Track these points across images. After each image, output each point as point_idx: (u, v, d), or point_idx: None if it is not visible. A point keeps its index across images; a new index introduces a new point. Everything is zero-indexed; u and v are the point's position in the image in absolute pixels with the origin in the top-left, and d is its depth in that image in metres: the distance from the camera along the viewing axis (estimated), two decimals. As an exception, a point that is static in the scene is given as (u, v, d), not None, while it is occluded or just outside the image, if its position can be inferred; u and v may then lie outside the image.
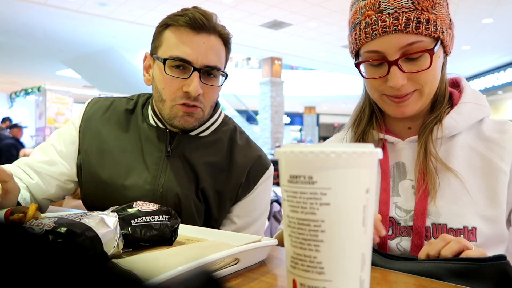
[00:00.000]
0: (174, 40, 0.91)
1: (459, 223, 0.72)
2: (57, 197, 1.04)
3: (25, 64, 11.61)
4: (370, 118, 0.88)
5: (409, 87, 0.75)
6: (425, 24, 0.71)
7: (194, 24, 0.89)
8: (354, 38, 0.78)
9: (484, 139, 0.78)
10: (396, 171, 0.82)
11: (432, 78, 0.76)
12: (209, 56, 0.91)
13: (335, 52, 10.53)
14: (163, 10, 7.37)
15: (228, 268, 0.59)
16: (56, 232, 0.52)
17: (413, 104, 0.78)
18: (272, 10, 7.62)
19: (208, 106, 0.97)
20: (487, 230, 0.71)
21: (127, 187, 0.95)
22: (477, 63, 11.53)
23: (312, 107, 19.66)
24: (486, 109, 0.81)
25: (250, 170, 1.01)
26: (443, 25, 0.74)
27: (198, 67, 0.90)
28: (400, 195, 0.80)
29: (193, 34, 0.90)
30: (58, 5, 7.11)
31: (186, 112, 0.93)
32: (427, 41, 0.73)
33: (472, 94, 0.82)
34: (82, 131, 1.02)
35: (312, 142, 15.91)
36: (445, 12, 0.75)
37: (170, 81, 0.92)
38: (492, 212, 0.72)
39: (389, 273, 0.59)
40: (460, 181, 0.75)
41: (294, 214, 0.37)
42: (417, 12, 0.71)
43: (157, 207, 0.70)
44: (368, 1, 0.75)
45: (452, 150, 0.78)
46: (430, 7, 0.72)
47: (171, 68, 0.91)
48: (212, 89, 0.95)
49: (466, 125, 0.79)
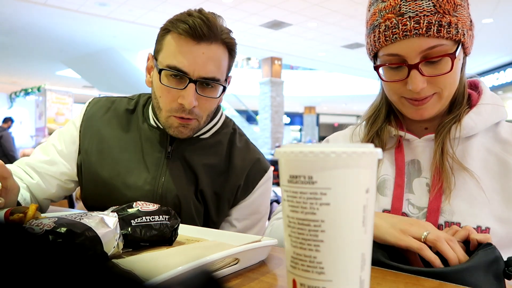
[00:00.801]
0: (173, 49, 0.88)
1: (473, 223, 0.72)
2: (57, 197, 1.04)
3: (25, 64, 11.61)
4: (386, 116, 0.88)
5: (428, 90, 0.75)
6: (447, 27, 0.70)
7: (194, 33, 0.86)
8: (373, 40, 0.77)
9: (501, 141, 0.78)
10: (411, 168, 0.82)
11: (452, 81, 0.76)
12: (208, 68, 0.88)
13: (335, 52, 10.53)
14: (163, 10, 7.38)
15: (228, 268, 0.59)
16: (56, 232, 0.52)
17: (432, 107, 0.77)
18: (272, 10, 7.62)
19: (205, 116, 0.95)
20: (501, 231, 0.71)
21: (127, 187, 0.95)
22: (477, 63, 11.53)
23: (312, 107, 19.67)
24: (504, 111, 0.81)
25: (249, 173, 1.01)
26: (464, 27, 0.73)
27: (194, 78, 0.88)
28: (414, 193, 0.80)
29: (192, 43, 0.87)
30: (58, 5, 7.11)
31: (181, 124, 0.92)
32: (448, 44, 0.72)
33: (491, 96, 0.82)
34: (82, 131, 1.02)
35: (311, 142, 15.90)
36: (466, 14, 0.74)
37: (166, 91, 0.90)
38: (507, 214, 0.72)
39: (389, 273, 0.59)
40: (475, 181, 0.74)
41: (294, 214, 0.37)
42: (439, 16, 0.70)
43: (157, 207, 0.70)
44: (388, 4, 0.73)
45: (468, 151, 0.78)
46: (452, 9, 0.71)
47: (167, 77, 0.90)
48: (209, 100, 0.93)
49: (484, 126, 0.79)
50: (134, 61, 10.23)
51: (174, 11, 0.98)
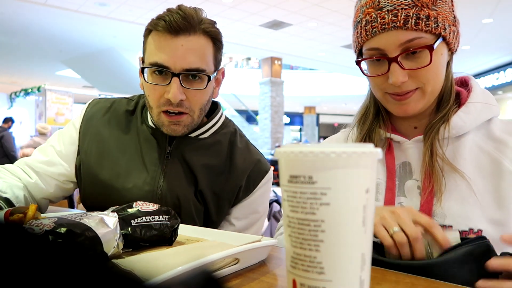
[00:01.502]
0: (153, 46, 0.89)
1: (465, 225, 0.71)
2: (56, 197, 1.04)
3: (25, 64, 11.61)
4: (375, 116, 0.87)
5: (410, 85, 0.75)
6: (425, 20, 0.71)
7: (170, 27, 0.87)
8: (356, 36, 0.79)
9: (493, 139, 0.77)
10: (402, 171, 0.81)
11: (434, 75, 0.75)
12: (188, 59, 0.88)
13: (335, 52, 10.53)
14: (163, 10, 7.33)
15: (228, 268, 0.59)
16: (56, 232, 0.52)
17: (415, 103, 0.77)
18: (272, 10, 7.62)
19: (197, 110, 0.94)
20: (494, 233, 0.70)
21: (127, 188, 0.95)
22: (477, 63, 11.53)
23: (312, 107, 19.67)
24: (495, 109, 0.80)
25: (250, 174, 1.01)
26: (445, 22, 0.73)
27: (177, 72, 0.88)
28: (406, 195, 0.79)
29: (170, 38, 0.87)
30: (58, 5, 7.11)
31: (171, 121, 0.92)
32: (427, 37, 0.72)
33: (481, 93, 0.80)
34: (82, 132, 1.02)
35: (308, 142, 15.89)
36: (448, 9, 0.75)
37: (153, 88, 0.91)
38: (500, 215, 0.71)
39: (389, 273, 0.59)
40: (467, 182, 0.73)
41: (294, 214, 0.37)
42: (417, 9, 0.71)
43: (157, 207, 0.70)
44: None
45: (459, 150, 0.77)
46: (430, 3, 0.72)
47: (152, 75, 0.91)
48: (197, 92, 0.92)
49: (475, 124, 0.77)
50: (134, 61, 10.22)
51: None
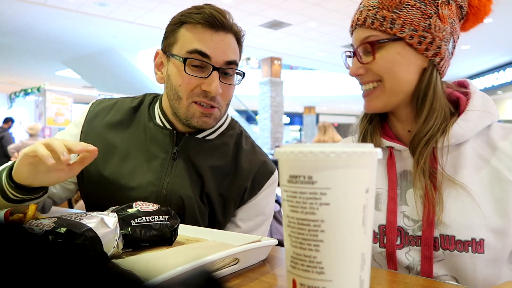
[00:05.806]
0: (191, 36, 0.89)
1: (467, 235, 0.71)
2: (59, 198, 1.04)
3: (25, 64, 11.60)
4: (369, 121, 0.88)
5: (367, 77, 0.81)
6: (381, 20, 0.76)
7: (212, 22, 0.88)
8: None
9: (493, 147, 0.77)
10: (403, 179, 0.81)
11: (389, 71, 0.77)
12: (228, 54, 0.91)
13: (335, 52, 10.52)
14: (163, 10, 7.37)
15: (228, 268, 0.59)
16: (55, 232, 0.52)
17: (376, 100, 0.81)
18: (272, 10, 7.62)
19: (225, 105, 0.96)
20: (496, 242, 0.70)
21: (131, 188, 0.94)
22: (477, 63, 11.53)
23: (312, 107, 19.66)
24: (493, 116, 0.79)
25: (255, 175, 1.01)
26: (406, 25, 0.75)
27: (218, 66, 0.89)
28: (408, 204, 0.79)
29: (211, 32, 0.89)
30: (58, 5, 7.11)
31: (204, 113, 0.92)
32: (381, 36, 0.77)
33: (481, 98, 0.80)
34: (84, 131, 1.02)
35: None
36: (417, 15, 0.75)
37: (188, 79, 0.90)
38: (501, 224, 0.71)
39: (389, 273, 0.59)
40: (467, 192, 0.73)
41: (294, 214, 0.37)
42: (377, 10, 0.77)
43: (156, 207, 0.70)
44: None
45: (460, 159, 0.77)
46: (393, 6, 0.76)
47: (190, 67, 0.90)
48: (230, 88, 0.95)
49: (475, 131, 0.77)
50: (134, 61, 10.22)
51: (174, 11, 0.98)
